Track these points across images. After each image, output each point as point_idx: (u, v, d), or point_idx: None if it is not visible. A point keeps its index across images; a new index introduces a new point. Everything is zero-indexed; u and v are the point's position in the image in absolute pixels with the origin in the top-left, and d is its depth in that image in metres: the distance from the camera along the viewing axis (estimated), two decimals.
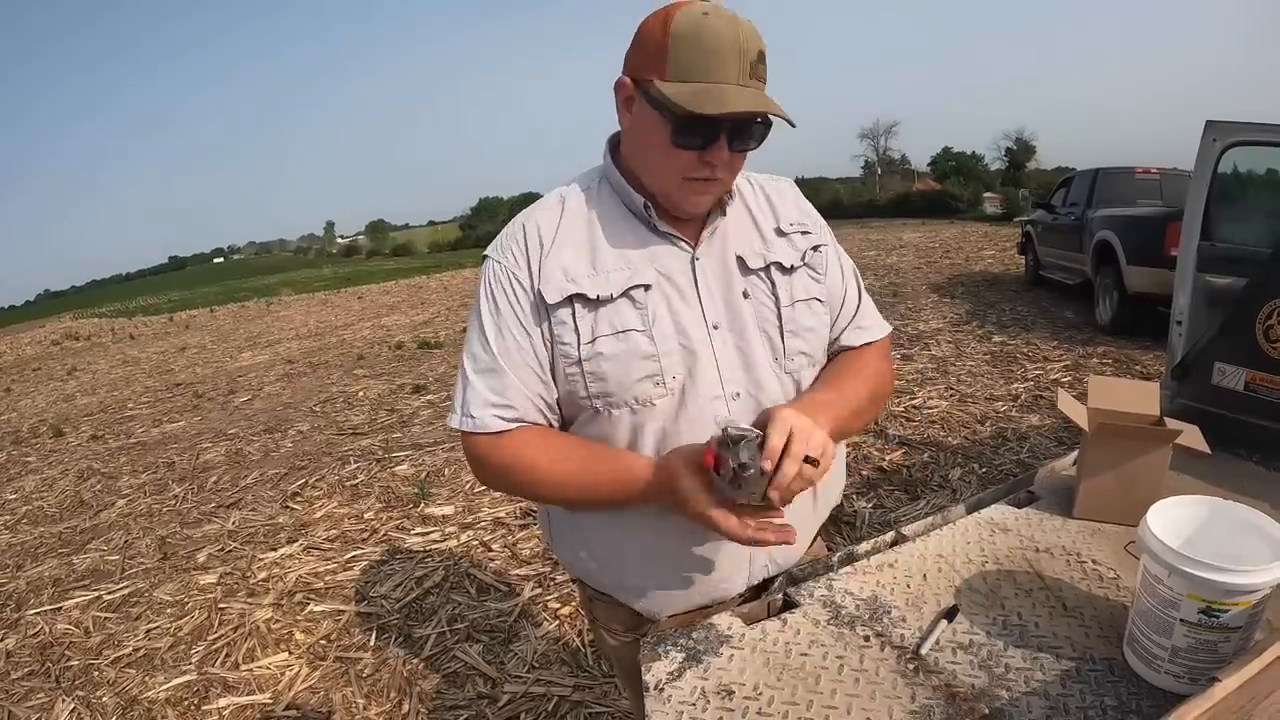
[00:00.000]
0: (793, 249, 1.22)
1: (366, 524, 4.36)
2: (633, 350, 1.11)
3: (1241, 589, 0.91)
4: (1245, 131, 2.36)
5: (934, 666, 1.05)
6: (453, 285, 22.00)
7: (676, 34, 1.02)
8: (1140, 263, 6.71)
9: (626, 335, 1.12)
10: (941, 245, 17.90)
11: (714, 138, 1.06)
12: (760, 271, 1.19)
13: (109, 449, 7.13)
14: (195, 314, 24.25)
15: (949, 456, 4.45)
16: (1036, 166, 53.82)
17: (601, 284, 1.12)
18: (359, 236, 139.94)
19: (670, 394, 1.13)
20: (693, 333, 1.14)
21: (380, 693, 2.83)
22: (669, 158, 1.09)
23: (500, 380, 1.14)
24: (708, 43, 1.01)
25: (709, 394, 1.14)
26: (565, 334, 1.12)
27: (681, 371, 1.13)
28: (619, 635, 1.35)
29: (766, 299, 1.19)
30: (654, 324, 1.13)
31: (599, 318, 1.12)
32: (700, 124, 1.04)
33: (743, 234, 1.21)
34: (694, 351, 1.14)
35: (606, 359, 1.11)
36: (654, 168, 1.12)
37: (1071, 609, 1.15)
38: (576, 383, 1.13)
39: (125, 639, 3.41)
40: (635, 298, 1.12)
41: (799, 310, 1.20)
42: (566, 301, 1.12)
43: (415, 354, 10.23)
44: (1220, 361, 1.97)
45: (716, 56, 1.01)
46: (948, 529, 1.43)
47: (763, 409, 1.12)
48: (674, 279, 1.15)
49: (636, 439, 1.14)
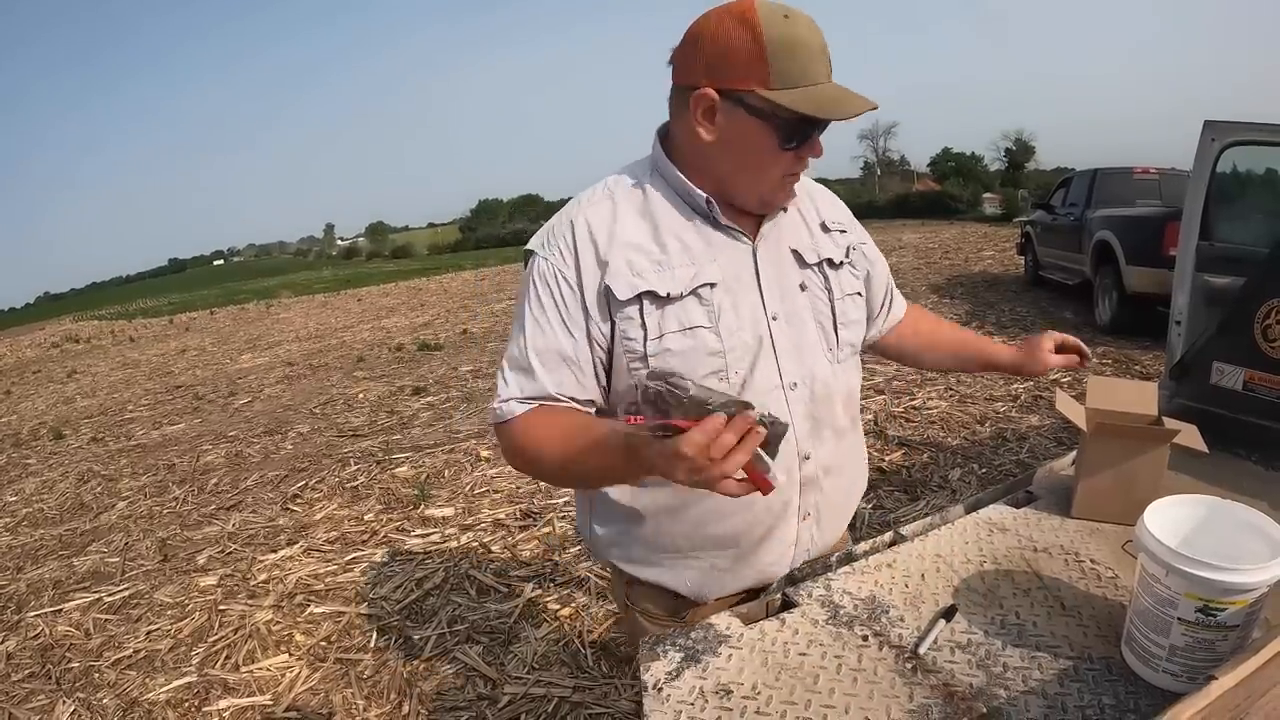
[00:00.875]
0: (836, 246, 1.29)
1: (366, 526, 4.36)
2: (700, 346, 1.14)
3: (1239, 587, 0.91)
4: (1244, 131, 2.36)
5: (932, 666, 1.05)
6: (452, 287, 22.00)
7: (771, 41, 1.03)
8: (1139, 263, 6.70)
9: (694, 332, 1.14)
10: (941, 246, 17.89)
11: (812, 136, 1.12)
12: (815, 266, 1.25)
13: (109, 451, 7.13)
14: (195, 316, 24.26)
15: (948, 457, 4.45)
16: (1036, 167, 53.82)
17: (669, 280, 1.13)
18: (358, 239, 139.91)
19: (731, 387, 1.15)
20: (755, 328, 1.18)
21: (380, 694, 2.83)
22: (774, 160, 1.12)
23: (532, 379, 1.15)
24: (802, 48, 1.05)
25: (767, 386, 1.18)
26: (631, 329, 1.13)
27: (745, 366, 1.16)
28: (658, 620, 1.36)
29: (821, 292, 1.25)
30: (720, 319, 1.15)
31: (666, 315, 1.13)
32: (811, 126, 1.09)
33: (794, 229, 1.26)
34: (757, 343, 1.17)
35: (674, 354, 1.13)
36: (754, 170, 1.14)
37: (1070, 608, 1.15)
38: (641, 375, 1.10)
39: (125, 641, 3.42)
40: (702, 295, 1.15)
41: (847, 304, 1.28)
42: (636, 299, 1.13)
43: (415, 356, 10.23)
44: (1219, 361, 1.97)
45: (812, 61, 1.06)
46: (946, 529, 1.43)
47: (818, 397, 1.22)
48: (737, 272, 1.18)
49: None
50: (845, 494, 1.36)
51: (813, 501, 1.26)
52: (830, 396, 1.24)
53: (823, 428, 1.24)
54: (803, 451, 1.22)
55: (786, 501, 1.23)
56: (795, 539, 1.28)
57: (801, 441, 1.21)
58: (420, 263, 49.71)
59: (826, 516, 1.31)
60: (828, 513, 1.31)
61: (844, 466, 1.32)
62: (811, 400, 1.21)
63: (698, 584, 1.29)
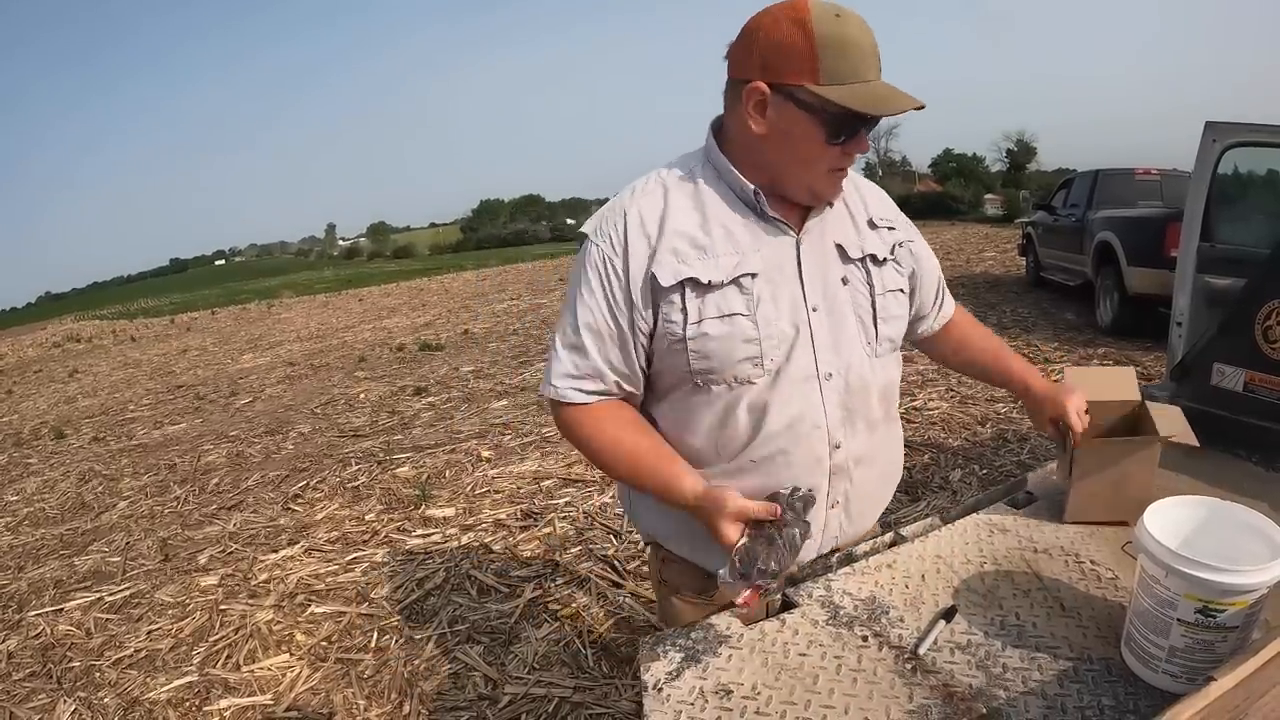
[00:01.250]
0: (882, 242, 1.31)
1: (367, 526, 4.36)
2: (737, 333, 1.18)
3: (1238, 589, 0.91)
4: (1245, 132, 2.36)
5: (932, 666, 1.05)
6: (453, 287, 22.01)
7: (822, 39, 1.07)
8: (1141, 264, 6.70)
9: (732, 319, 1.18)
10: (942, 247, 17.88)
11: (859, 132, 1.15)
12: (858, 261, 1.27)
13: (110, 451, 7.14)
14: (196, 316, 24.29)
15: (950, 458, 4.45)
16: (1037, 168, 53.64)
17: (712, 269, 1.18)
18: (360, 239, 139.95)
19: (767, 375, 1.20)
20: (794, 318, 1.21)
21: (381, 694, 2.83)
22: (821, 154, 1.16)
23: (583, 357, 1.22)
24: (853, 46, 1.09)
25: (802, 375, 1.21)
26: (673, 314, 1.18)
27: (780, 354, 1.20)
28: (689, 600, 1.40)
29: (862, 287, 1.27)
30: (758, 308, 1.19)
31: (707, 301, 1.18)
32: (859, 122, 1.13)
33: (840, 223, 1.28)
34: (794, 333, 1.21)
35: (712, 339, 1.18)
36: (802, 164, 1.18)
37: (1069, 609, 1.16)
38: (680, 358, 1.20)
39: (126, 640, 3.42)
40: (743, 284, 1.19)
41: (889, 300, 1.30)
42: (678, 286, 1.17)
43: (416, 356, 10.23)
44: (1219, 362, 1.97)
45: (863, 59, 1.09)
46: (946, 530, 1.44)
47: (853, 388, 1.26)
48: (780, 263, 1.22)
49: (730, 413, 1.22)
50: (877, 484, 1.38)
51: (842, 490, 1.28)
52: (866, 389, 1.26)
53: (856, 418, 1.26)
54: (834, 440, 1.24)
55: (815, 487, 1.23)
56: (824, 525, 1.30)
57: (833, 430, 1.24)
58: (422, 263, 49.77)
59: (856, 506, 1.33)
60: (858, 502, 1.33)
61: (876, 458, 1.33)
62: (846, 391, 1.24)
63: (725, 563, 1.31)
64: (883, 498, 1.43)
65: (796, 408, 1.21)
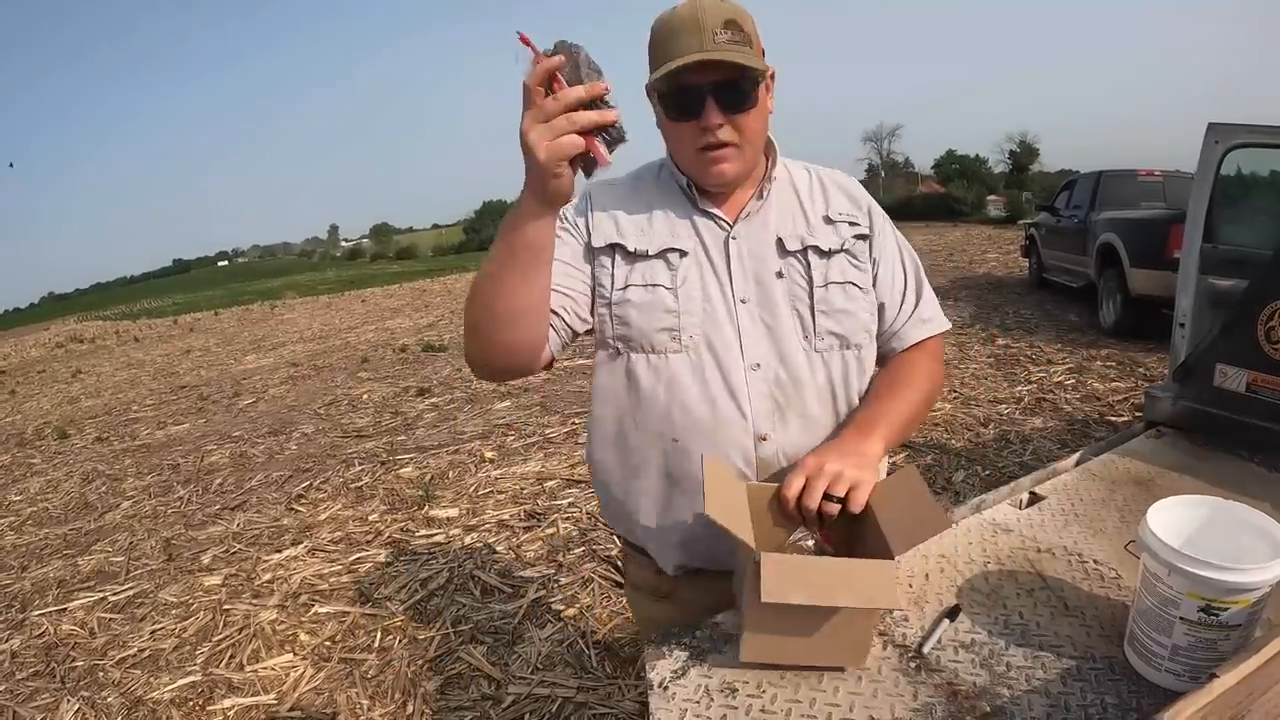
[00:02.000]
0: (836, 236, 1.29)
1: (371, 526, 4.37)
2: (657, 303, 1.23)
3: (1241, 587, 0.91)
4: (1247, 134, 2.36)
5: (936, 665, 1.05)
6: (456, 288, 22.01)
7: (652, 32, 1.18)
8: (1143, 265, 6.70)
9: (654, 289, 1.24)
10: (945, 248, 17.90)
11: (701, 104, 1.15)
12: (798, 254, 1.27)
13: (114, 451, 7.15)
14: (199, 317, 24.32)
15: (953, 459, 4.46)
16: (1040, 169, 53.77)
17: (643, 241, 1.26)
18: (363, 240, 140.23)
19: (684, 351, 1.23)
20: (717, 303, 1.24)
21: (384, 694, 2.84)
22: (677, 136, 1.22)
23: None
24: (670, 28, 1.15)
25: (725, 360, 1.23)
26: (603, 277, 1.26)
27: (699, 333, 1.23)
28: (644, 596, 1.42)
29: (800, 279, 1.26)
30: (681, 285, 1.24)
31: (634, 269, 1.25)
32: (681, 96, 1.16)
33: (786, 218, 1.30)
34: (716, 320, 1.24)
35: (633, 305, 1.24)
36: (675, 150, 1.27)
37: (1073, 608, 1.16)
38: (605, 323, 1.27)
39: (130, 640, 3.43)
40: (670, 260, 1.25)
41: (832, 291, 1.27)
42: (609, 249, 1.26)
43: (419, 357, 10.25)
44: (1222, 363, 1.97)
45: (676, 37, 1.13)
46: (950, 530, 1.44)
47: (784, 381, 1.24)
48: (710, 252, 1.26)
49: (652, 385, 1.25)
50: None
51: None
52: (800, 384, 1.25)
53: (788, 413, 1.25)
54: (759, 431, 1.23)
55: (740, 477, 1.24)
56: None
57: (759, 420, 1.23)
58: (425, 264, 49.82)
59: None
60: None
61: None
62: (776, 384, 1.24)
63: (661, 553, 1.34)
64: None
65: (715, 391, 1.22)
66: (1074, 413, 5.11)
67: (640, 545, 1.38)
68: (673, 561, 1.33)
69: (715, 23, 1.12)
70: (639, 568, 1.41)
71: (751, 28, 1.18)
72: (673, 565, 1.33)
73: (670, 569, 1.34)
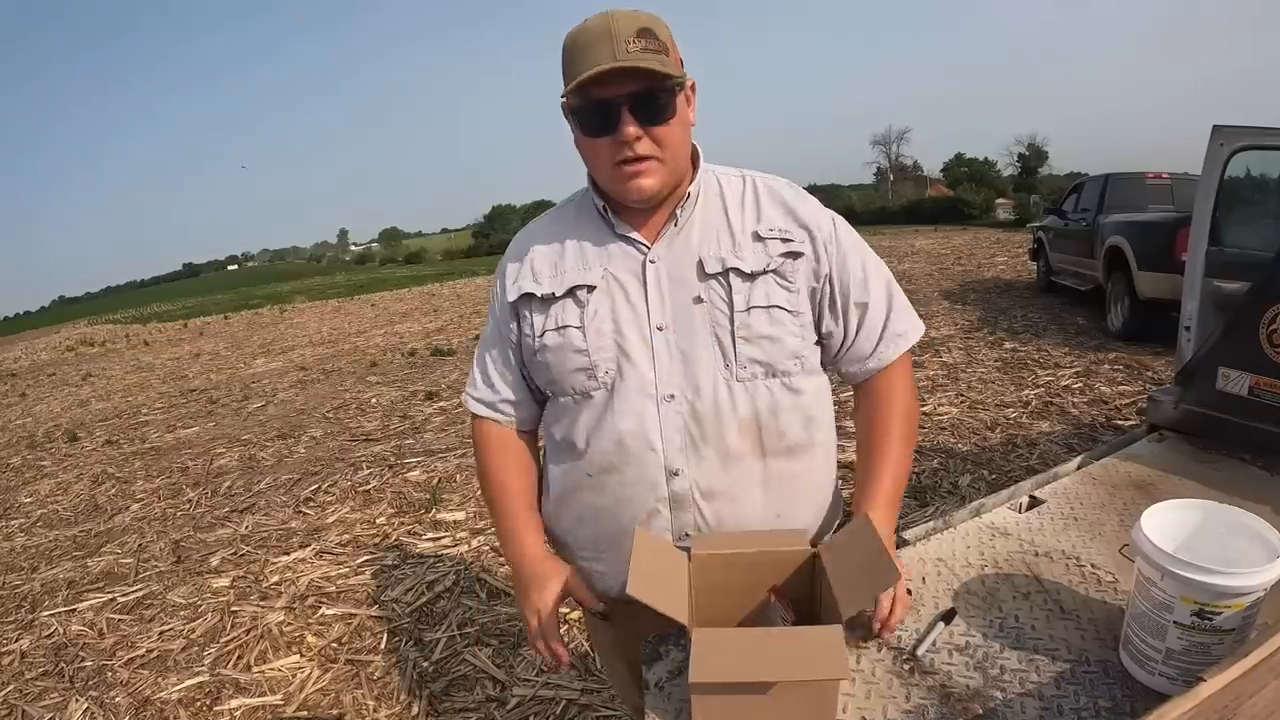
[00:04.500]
0: (763, 255, 1.20)
1: (378, 529, 4.39)
2: (567, 344, 1.21)
3: (1235, 591, 0.92)
4: (1253, 136, 2.35)
5: (930, 668, 1.06)
6: (465, 293, 22.05)
7: (564, 48, 1.12)
8: (1151, 268, 6.67)
9: (564, 331, 1.22)
10: (953, 252, 17.84)
11: (615, 117, 1.10)
12: (718, 276, 1.19)
13: (123, 454, 7.19)
14: (209, 320, 24.37)
15: (959, 463, 4.45)
16: (1049, 172, 53.66)
17: (552, 283, 1.23)
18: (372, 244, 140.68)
19: (603, 387, 1.20)
20: (629, 333, 1.20)
21: (390, 695, 2.85)
22: (593, 152, 1.17)
23: (481, 373, 1.36)
24: (580, 42, 1.09)
25: (637, 393, 1.19)
26: (525, 327, 1.27)
27: (613, 368, 1.19)
28: (590, 616, 1.41)
29: (721, 303, 1.19)
30: (590, 321, 1.20)
31: (548, 315, 1.23)
32: (595, 110, 1.11)
33: (710, 237, 1.22)
34: (628, 351, 1.19)
35: (550, 351, 1.23)
36: (592, 167, 1.21)
37: (1069, 612, 1.16)
38: (537, 370, 1.28)
39: (138, 640, 3.45)
40: (579, 296, 1.21)
41: (755, 317, 1.18)
42: (523, 299, 1.25)
43: (428, 361, 10.27)
44: (1225, 366, 1.97)
45: (586, 51, 1.08)
46: (948, 533, 1.44)
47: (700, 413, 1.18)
48: (622, 280, 1.21)
49: (573, 426, 1.24)
50: (741, 524, 1.23)
51: (690, 522, 1.21)
52: (718, 415, 1.18)
53: (703, 447, 1.19)
54: (670, 466, 1.19)
55: (652, 513, 1.21)
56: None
57: (670, 456, 1.18)
58: (434, 268, 49.87)
59: None
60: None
61: (739, 495, 1.22)
62: (691, 416, 1.18)
63: (594, 580, 1.32)
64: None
65: (629, 425, 1.18)
66: (1081, 417, 5.10)
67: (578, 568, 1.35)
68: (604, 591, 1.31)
69: (628, 31, 1.07)
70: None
71: (667, 35, 1.12)
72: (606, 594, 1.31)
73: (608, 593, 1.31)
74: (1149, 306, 6.75)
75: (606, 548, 1.26)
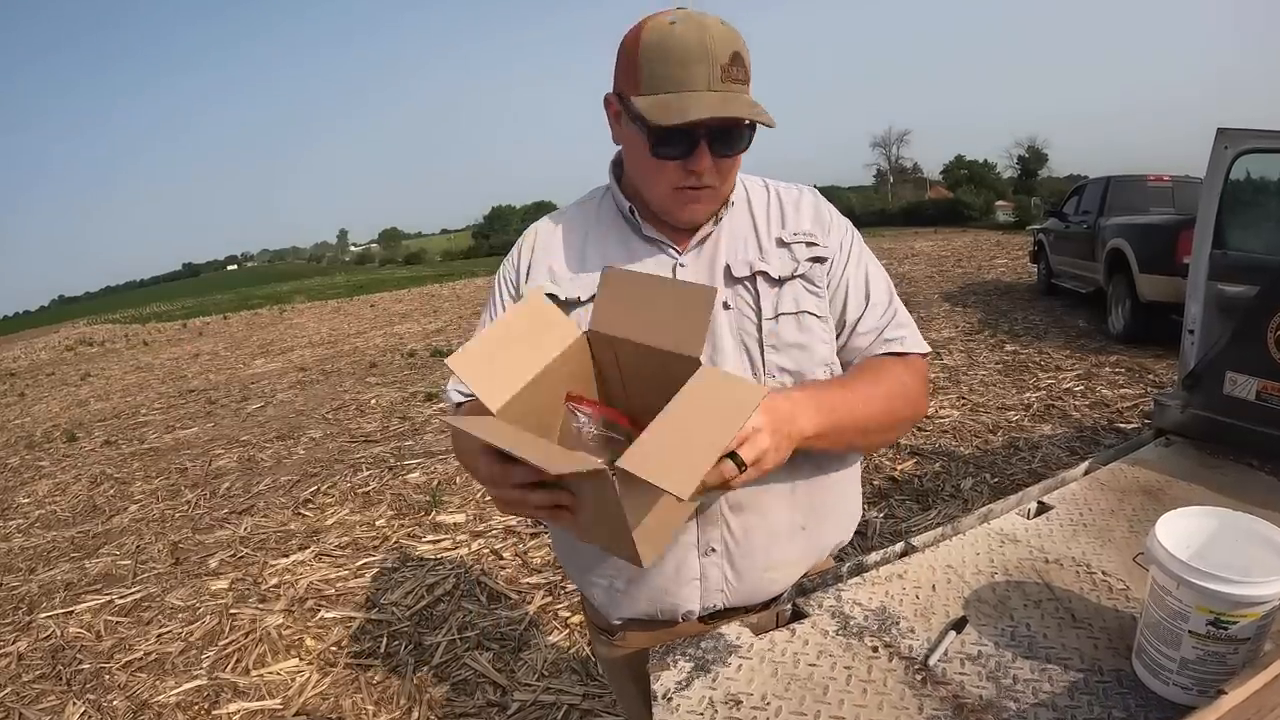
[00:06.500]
0: (790, 260, 1.18)
1: (378, 531, 4.38)
2: None
3: (1251, 600, 0.90)
4: (1257, 138, 2.34)
5: (942, 677, 1.04)
6: (465, 293, 22.05)
7: (645, 47, 1.04)
8: (1152, 271, 6.68)
9: None
10: (954, 254, 17.86)
11: (693, 146, 1.06)
12: (745, 281, 1.17)
13: (122, 454, 7.17)
14: (208, 321, 24.35)
15: (961, 466, 4.44)
16: (1049, 174, 53.78)
17: (573, 287, 1.18)
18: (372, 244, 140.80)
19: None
20: None
21: (390, 700, 2.84)
22: (655, 170, 1.10)
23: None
24: (674, 53, 1.02)
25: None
26: None
27: None
28: (596, 633, 1.39)
29: (749, 310, 1.16)
30: None
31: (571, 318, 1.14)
32: (676, 134, 1.04)
33: (737, 243, 1.19)
34: None
35: None
36: (645, 180, 1.15)
37: (1081, 620, 1.15)
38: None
39: (136, 643, 3.44)
40: None
41: (783, 324, 1.16)
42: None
43: (428, 362, 10.26)
44: (1231, 371, 1.96)
45: (683, 66, 1.02)
46: (957, 540, 1.43)
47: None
48: None
49: None
50: (776, 539, 1.22)
51: (717, 537, 1.19)
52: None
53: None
54: None
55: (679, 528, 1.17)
56: (700, 574, 1.21)
57: None
58: (433, 269, 49.84)
59: (744, 560, 1.21)
60: (746, 556, 1.21)
61: (766, 507, 1.20)
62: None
63: (601, 600, 1.29)
64: (791, 558, 1.26)
65: None
66: (1083, 419, 5.09)
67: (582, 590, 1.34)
68: (613, 613, 1.29)
69: (723, 55, 1.02)
70: (589, 607, 1.38)
71: (749, 60, 1.07)
72: (614, 616, 1.29)
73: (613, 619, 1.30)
74: (1150, 309, 6.76)
75: (623, 565, 1.21)
